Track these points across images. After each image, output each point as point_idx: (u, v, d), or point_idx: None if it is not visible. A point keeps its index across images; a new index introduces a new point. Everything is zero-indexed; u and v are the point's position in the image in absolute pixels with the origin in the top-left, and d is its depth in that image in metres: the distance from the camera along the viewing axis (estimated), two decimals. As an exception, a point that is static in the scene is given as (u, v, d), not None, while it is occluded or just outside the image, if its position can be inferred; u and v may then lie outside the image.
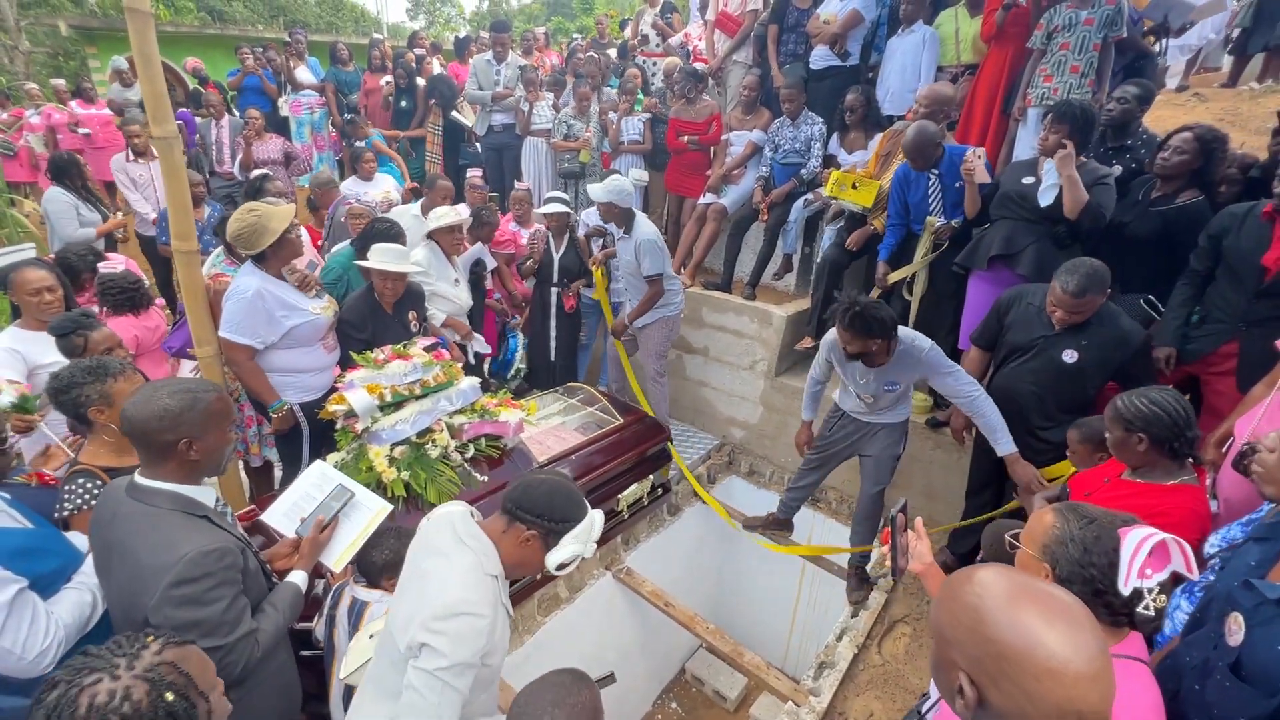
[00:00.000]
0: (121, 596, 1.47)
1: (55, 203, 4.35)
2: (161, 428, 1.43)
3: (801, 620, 4.34)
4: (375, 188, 4.98)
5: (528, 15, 25.47)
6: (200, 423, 1.48)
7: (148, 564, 1.40)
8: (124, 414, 1.46)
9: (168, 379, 1.55)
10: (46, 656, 1.45)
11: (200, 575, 1.40)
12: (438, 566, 1.42)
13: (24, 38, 12.01)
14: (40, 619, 1.44)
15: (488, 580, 1.43)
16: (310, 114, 6.92)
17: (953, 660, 0.86)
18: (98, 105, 6.92)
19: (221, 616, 1.43)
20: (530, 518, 1.46)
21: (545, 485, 1.51)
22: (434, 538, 1.50)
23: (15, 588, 1.41)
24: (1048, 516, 1.27)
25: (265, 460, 3.34)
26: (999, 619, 0.82)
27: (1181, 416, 1.81)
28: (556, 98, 5.74)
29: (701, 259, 4.83)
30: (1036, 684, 0.78)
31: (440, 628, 1.32)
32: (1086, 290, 2.38)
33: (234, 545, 1.50)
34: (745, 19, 4.94)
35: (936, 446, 3.70)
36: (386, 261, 2.97)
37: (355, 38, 13.70)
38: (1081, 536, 1.20)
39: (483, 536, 1.47)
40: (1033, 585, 0.86)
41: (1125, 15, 3.41)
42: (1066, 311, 2.46)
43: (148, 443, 1.45)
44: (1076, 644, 0.78)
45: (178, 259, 2.55)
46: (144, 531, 1.43)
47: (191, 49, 9.65)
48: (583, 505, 1.55)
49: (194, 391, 1.50)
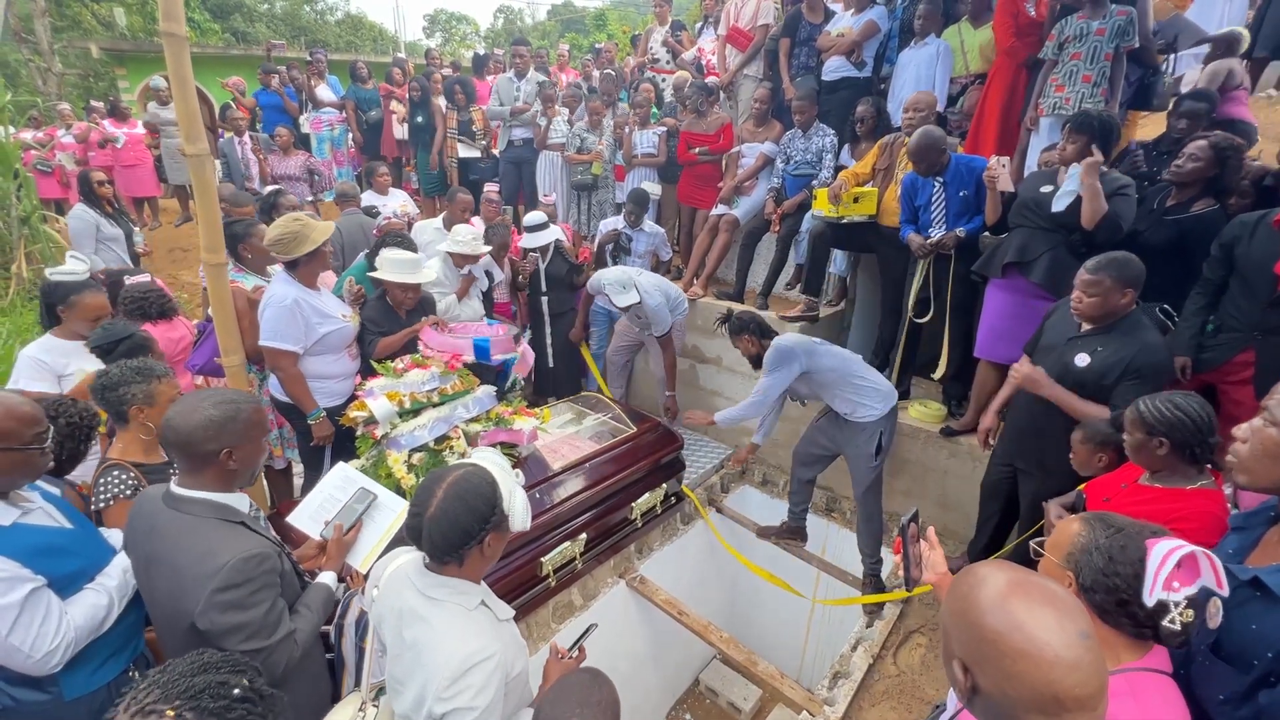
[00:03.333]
0: (165, 604, 1.51)
1: (77, 220, 4.53)
2: (206, 437, 1.48)
3: (816, 631, 4.31)
4: (392, 200, 5.11)
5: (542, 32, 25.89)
6: (242, 432, 1.53)
7: (190, 572, 1.44)
8: (168, 424, 1.49)
9: (209, 389, 1.61)
10: (55, 656, 1.48)
11: (243, 581, 1.45)
12: (423, 635, 1.38)
13: (57, 60, 12.45)
14: (52, 619, 1.48)
15: (477, 614, 1.41)
16: (330, 131, 7.11)
17: (952, 650, 0.89)
18: (130, 124, 7.16)
19: (264, 619, 1.47)
20: (479, 535, 1.37)
21: (444, 516, 1.35)
22: (398, 601, 1.44)
23: (29, 586, 1.45)
24: (1073, 525, 1.27)
25: (287, 461, 3.43)
26: (986, 605, 0.85)
27: (1204, 421, 1.79)
28: (571, 112, 5.85)
29: (714, 269, 4.87)
30: (1014, 665, 0.80)
31: (457, 689, 1.29)
32: (1101, 268, 2.30)
33: (272, 550, 1.55)
34: (757, 33, 5.02)
35: (951, 456, 3.68)
36: (398, 274, 3.08)
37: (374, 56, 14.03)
38: (1107, 545, 1.19)
39: (447, 581, 1.40)
40: (1028, 579, 0.88)
41: (1137, 26, 3.43)
42: (1081, 290, 2.36)
43: (190, 452, 1.50)
44: (1056, 629, 0.80)
45: (207, 271, 2.63)
46: (185, 541, 1.48)
47: (217, 69, 9.93)
48: (488, 490, 1.41)
49: (236, 402, 1.55)
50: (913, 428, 3.82)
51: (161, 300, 3.19)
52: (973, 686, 0.85)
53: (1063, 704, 0.78)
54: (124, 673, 1.68)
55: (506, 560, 2.79)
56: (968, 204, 3.35)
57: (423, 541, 1.38)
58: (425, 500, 1.37)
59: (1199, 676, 1.33)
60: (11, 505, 1.52)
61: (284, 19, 20.89)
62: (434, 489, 1.38)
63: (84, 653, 1.56)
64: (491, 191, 4.91)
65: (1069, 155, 2.84)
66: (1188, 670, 1.36)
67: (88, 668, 1.59)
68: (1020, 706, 0.81)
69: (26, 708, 1.52)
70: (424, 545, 1.38)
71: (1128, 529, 1.22)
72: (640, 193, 4.71)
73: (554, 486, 3.07)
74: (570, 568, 3.15)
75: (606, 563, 3.42)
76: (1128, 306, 2.35)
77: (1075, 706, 0.78)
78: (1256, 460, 1.35)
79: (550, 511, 2.95)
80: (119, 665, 1.67)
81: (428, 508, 1.36)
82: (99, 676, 1.62)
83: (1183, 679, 1.31)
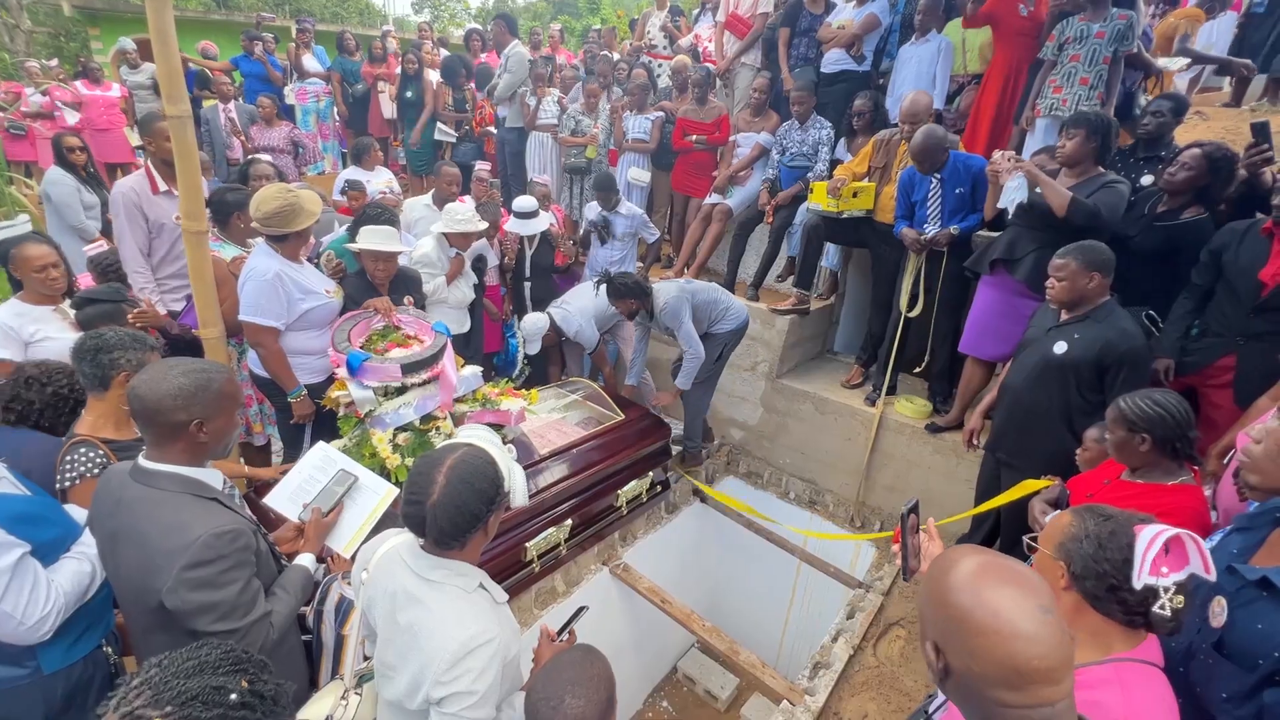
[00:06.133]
0: (132, 581, 1.43)
1: (59, 185, 4.26)
2: (175, 407, 1.40)
3: (795, 621, 4.35)
4: (377, 177, 5.00)
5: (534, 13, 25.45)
6: (213, 403, 1.46)
7: (160, 547, 1.37)
8: (134, 392, 1.41)
9: (177, 359, 1.52)
10: (46, 624, 1.44)
11: (215, 557, 1.38)
12: (420, 618, 1.33)
13: (25, 16, 11.91)
14: (41, 586, 1.43)
15: (475, 597, 1.37)
16: (316, 102, 6.92)
17: (926, 631, 0.91)
18: (104, 86, 6.88)
19: (237, 599, 1.41)
20: (485, 517, 1.36)
21: (450, 502, 1.32)
22: (390, 583, 1.40)
23: (19, 552, 1.40)
24: (1065, 516, 1.29)
25: (267, 438, 3.35)
26: (956, 585, 0.87)
27: (1183, 416, 1.85)
28: (565, 94, 5.74)
29: (705, 259, 4.84)
30: (978, 641, 0.82)
31: (457, 673, 1.27)
32: (1068, 253, 2.44)
33: (246, 527, 1.49)
34: (755, 21, 4.96)
35: (936, 452, 3.72)
36: (374, 242, 2.99)
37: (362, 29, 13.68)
38: (1096, 532, 1.21)
39: (445, 563, 1.37)
40: (998, 560, 0.90)
41: (1136, 31, 3.45)
42: (1052, 276, 2.51)
43: (158, 422, 1.41)
44: (1017, 604, 0.82)
45: (186, 239, 2.52)
46: (154, 515, 1.40)
47: (197, 34, 9.60)
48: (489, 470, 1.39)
49: (207, 371, 1.47)
50: (898, 423, 3.84)
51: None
52: (944, 667, 0.87)
53: (1025, 676, 0.80)
54: (98, 648, 1.63)
55: (491, 544, 2.75)
56: (963, 201, 3.36)
57: (427, 530, 1.32)
58: (425, 487, 1.31)
59: (1201, 674, 1.34)
60: None
61: (268, -14, 20.22)
62: (433, 474, 1.32)
63: (61, 626, 1.50)
64: (483, 170, 4.82)
65: (1068, 150, 2.86)
66: (1188, 668, 1.37)
67: (64, 641, 1.54)
68: (986, 682, 0.82)
69: (4, 684, 1.47)
70: (429, 533, 1.33)
71: (1117, 517, 1.24)
72: (606, 177, 4.58)
73: (540, 471, 3.03)
74: (554, 554, 3.12)
75: (591, 549, 3.40)
76: (1098, 292, 2.46)
77: (1038, 679, 0.80)
78: (1271, 460, 1.37)
79: (536, 496, 2.92)
80: (94, 639, 1.62)
81: (429, 495, 1.30)
82: (76, 650, 1.57)
83: (1182, 676, 1.33)
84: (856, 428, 4.03)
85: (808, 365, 4.69)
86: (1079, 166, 2.89)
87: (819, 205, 3.81)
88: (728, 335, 3.76)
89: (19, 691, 1.49)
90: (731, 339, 3.80)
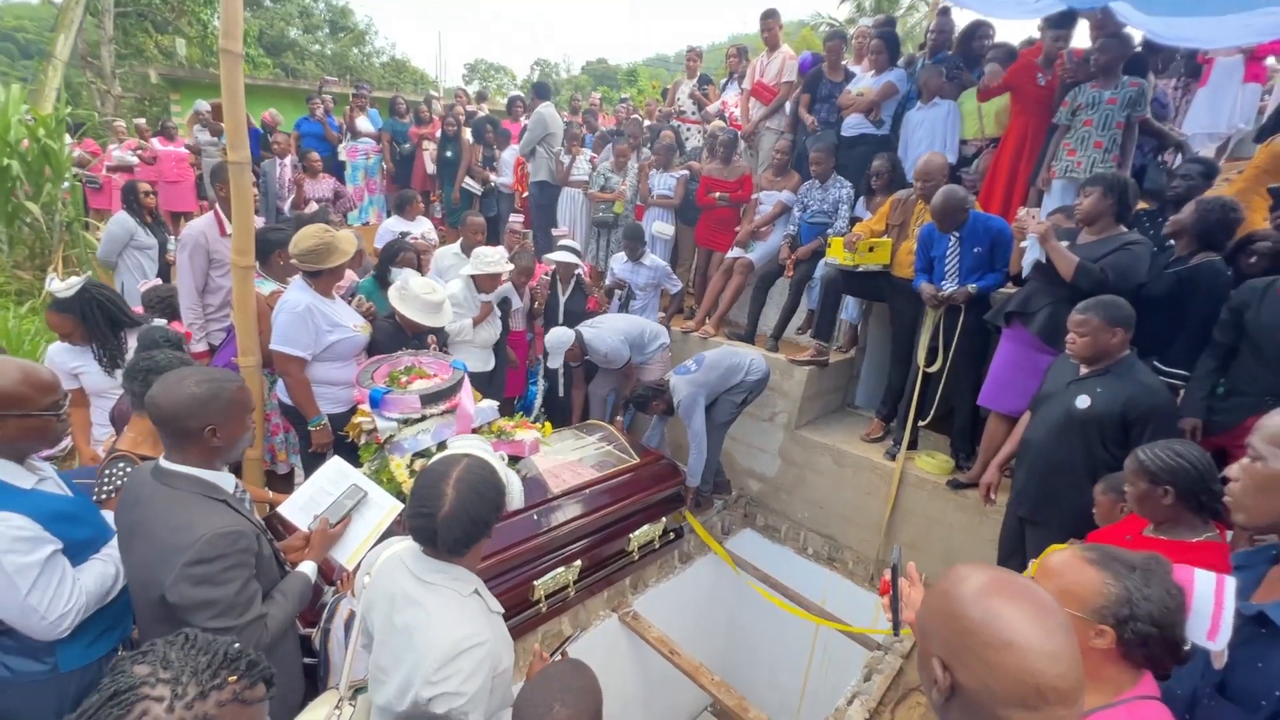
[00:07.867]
0: (140, 573, 1.52)
1: (115, 225, 4.71)
2: (189, 413, 1.51)
3: (814, 683, 4.15)
4: (417, 226, 5.31)
5: (575, 85, 27.07)
6: (224, 410, 1.56)
7: (167, 543, 1.45)
8: (152, 399, 1.53)
9: (193, 369, 1.64)
10: (66, 620, 1.50)
11: (215, 556, 1.45)
12: (416, 618, 1.36)
13: (117, 83, 13.20)
14: (67, 583, 1.50)
15: (469, 602, 1.40)
16: (365, 159, 7.43)
17: (930, 650, 0.88)
18: (177, 143, 7.55)
19: (234, 598, 1.47)
20: (487, 530, 1.40)
21: (463, 512, 1.37)
22: (390, 586, 1.44)
23: (50, 548, 1.48)
24: (1088, 573, 1.22)
25: (290, 466, 3.44)
26: (968, 598, 0.85)
27: (1206, 467, 1.79)
28: (597, 153, 6.06)
29: (726, 310, 4.93)
30: (996, 655, 0.79)
31: (446, 674, 1.28)
32: (1089, 309, 2.43)
33: (249, 529, 1.56)
34: (781, 89, 5.24)
35: (958, 509, 3.62)
36: (421, 315, 3.21)
37: (415, 96, 14.69)
38: (1154, 595, 1.19)
39: (445, 567, 1.40)
40: (1007, 576, 0.88)
41: (1148, 97, 3.54)
42: (1073, 331, 2.49)
43: (174, 428, 1.53)
44: (1036, 621, 0.80)
45: (234, 273, 2.73)
46: (165, 512, 1.49)
47: (265, 101, 10.46)
48: (495, 478, 1.45)
49: (219, 381, 1.59)
50: (919, 479, 3.77)
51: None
52: (951, 685, 0.84)
53: (1044, 696, 0.76)
54: (113, 651, 1.68)
55: (499, 580, 2.75)
56: (981, 260, 3.40)
57: (439, 541, 1.36)
58: (434, 499, 1.35)
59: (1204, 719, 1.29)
60: (29, 471, 1.56)
61: (333, 59, 22.08)
62: (440, 487, 1.37)
63: (81, 625, 1.57)
64: (516, 223, 5.06)
65: (1084, 207, 2.91)
66: (1193, 715, 1.31)
67: (83, 640, 1.60)
68: (1001, 700, 0.79)
69: (22, 678, 1.53)
70: (440, 544, 1.37)
71: (1151, 568, 1.22)
72: (636, 228, 4.83)
73: (552, 510, 3.04)
74: (562, 595, 3.09)
75: (600, 594, 3.35)
76: (1120, 347, 2.44)
77: (1056, 699, 0.76)
78: (1249, 495, 1.35)
79: (547, 534, 2.92)
80: (111, 641, 1.68)
81: (440, 507, 1.34)
82: (94, 650, 1.62)
83: None
84: (876, 482, 3.96)
85: (827, 418, 4.66)
86: (1098, 224, 2.93)
87: (836, 259, 3.90)
88: (752, 384, 3.97)
89: (36, 687, 1.54)
90: (756, 388, 3.99)
